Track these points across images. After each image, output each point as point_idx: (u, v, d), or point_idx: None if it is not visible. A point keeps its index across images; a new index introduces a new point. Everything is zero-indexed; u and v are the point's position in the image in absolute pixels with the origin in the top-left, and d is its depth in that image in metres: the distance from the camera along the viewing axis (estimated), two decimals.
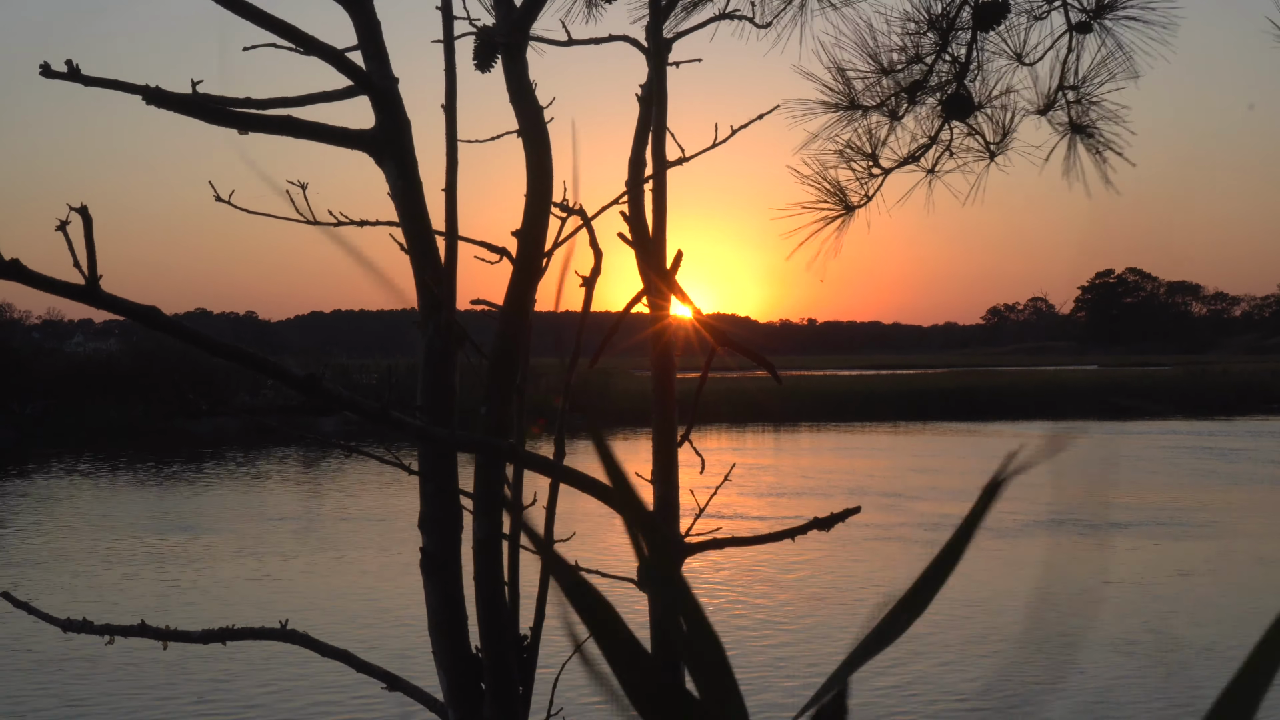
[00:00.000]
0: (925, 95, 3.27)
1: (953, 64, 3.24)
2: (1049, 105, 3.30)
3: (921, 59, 3.24)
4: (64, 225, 1.66)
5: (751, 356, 2.65)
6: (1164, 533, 16.09)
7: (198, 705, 8.84)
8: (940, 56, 3.23)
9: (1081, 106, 3.31)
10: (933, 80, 3.25)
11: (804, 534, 2.64)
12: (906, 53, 3.23)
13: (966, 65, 3.22)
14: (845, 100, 3.25)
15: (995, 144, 3.32)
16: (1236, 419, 38.27)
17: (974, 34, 3.22)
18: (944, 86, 3.25)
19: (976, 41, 3.23)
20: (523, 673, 2.72)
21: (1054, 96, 3.29)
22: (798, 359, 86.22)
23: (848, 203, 3.31)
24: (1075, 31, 3.23)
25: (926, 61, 3.24)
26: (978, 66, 3.24)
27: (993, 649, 10.01)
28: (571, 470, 2.34)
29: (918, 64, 3.24)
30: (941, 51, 3.23)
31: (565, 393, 2.84)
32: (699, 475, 2.87)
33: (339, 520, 17.85)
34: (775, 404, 37.76)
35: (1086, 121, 3.33)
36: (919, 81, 3.24)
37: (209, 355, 1.90)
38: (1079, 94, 3.30)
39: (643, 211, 2.88)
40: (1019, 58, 3.26)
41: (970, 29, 3.22)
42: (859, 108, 3.27)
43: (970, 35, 3.23)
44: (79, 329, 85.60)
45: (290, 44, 2.57)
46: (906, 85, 3.24)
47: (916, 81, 3.24)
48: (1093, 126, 3.34)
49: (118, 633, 2.72)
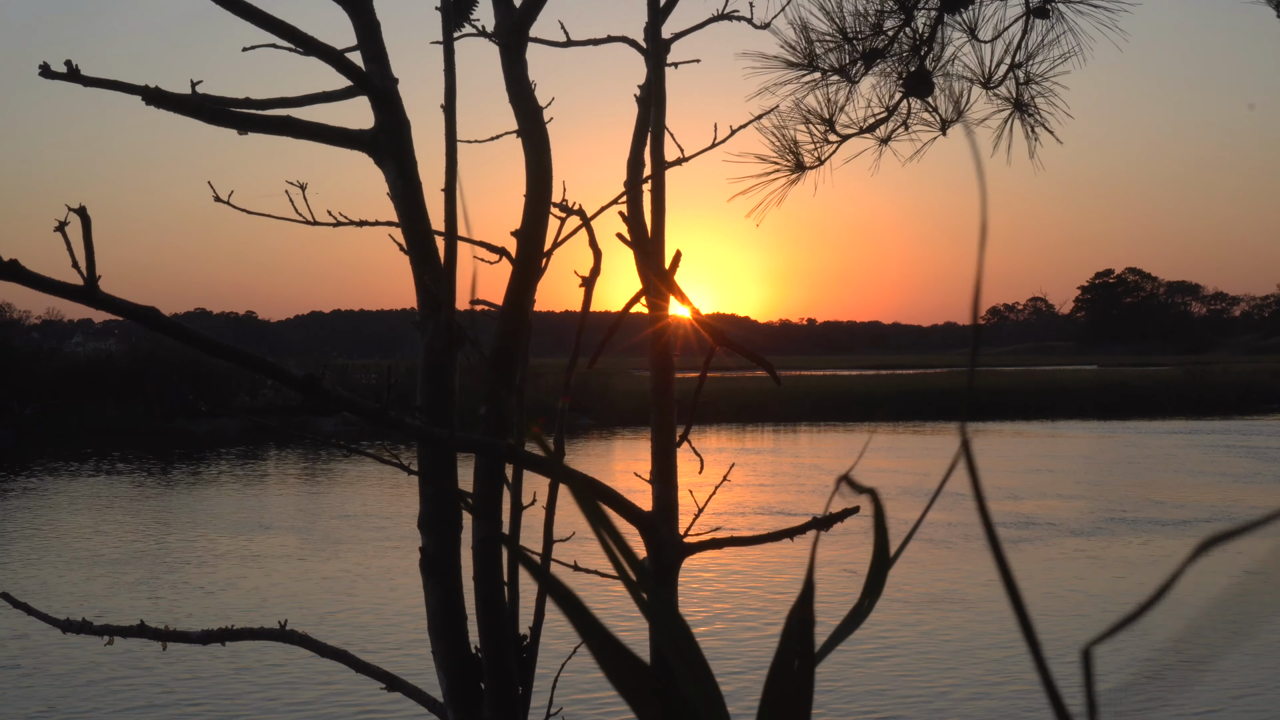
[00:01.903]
0: (882, 63, 3.33)
1: (914, 39, 3.29)
2: (990, 80, 3.37)
3: (883, 31, 3.29)
4: (63, 226, 1.66)
5: (750, 357, 2.65)
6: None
7: (198, 705, 8.84)
8: (903, 30, 3.29)
9: (1025, 85, 3.39)
10: (893, 51, 3.31)
11: (803, 534, 2.64)
12: (869, 20, 3.28)
13: (930, 42, 3.28)
14: (804, 60, 3.31)
15: (949, 119, 3.39)
16: (1236, 419, 38.27)
17: (940, 15, 3.27)
18: (904, 58, 3.31)
19: (943, 20, 3.28)
20: (522, 673, 2.72)
21: (998, 72, 3.36)
22: (797, 359, 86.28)
23: (801, 162, 3.38)
24: (1033, 15, 3.30)
25: (888, 32, 3.29)
26: (940, 44, 3.30)
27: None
28: (570, 470, 2.33)
29: (880, 35, 3.29)
30: (905, 25, 3.28)
31: (565, 393, 2.84)
32: (698, 475, 2.87)
33: (339, 520, 17.85)
34: (775, 404, 37.78)
35: (1027, 98, 3.41)
36: (878, 50, 3.29)
37: (208, 356, 1.90)
38: (1026, 73, 3.38)
39: (641, 212, 2.88)
40: (973, 33, 3.33)
41: (936, 9, 3.27)
42: (817, 69, 3.33)
43: (936, 15, 3.28)
44: (78, 329, 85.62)
45: (290, 44, 2.57)
46: (865, 52, 3.29)
47: (875, 49, 3.29)
48: (1031, 104, 3.42)
49: (117, 633, 2.72)
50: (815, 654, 0.51)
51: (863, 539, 15.14)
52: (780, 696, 0.50)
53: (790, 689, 0.50)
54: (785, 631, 0.51)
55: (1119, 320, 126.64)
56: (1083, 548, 15.15)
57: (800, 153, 3.35)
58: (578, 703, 7.80)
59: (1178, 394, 43.75)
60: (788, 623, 0.52)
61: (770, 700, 0.50)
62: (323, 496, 21.23)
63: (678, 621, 0.52)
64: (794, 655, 0.51)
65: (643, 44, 2.97)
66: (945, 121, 3.37)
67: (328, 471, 25.33)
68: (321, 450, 28.07)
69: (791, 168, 3.36)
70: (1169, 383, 46.14)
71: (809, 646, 0.51)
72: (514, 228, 2.74)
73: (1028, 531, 16.21)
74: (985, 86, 3.35)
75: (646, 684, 0.48)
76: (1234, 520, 1.78)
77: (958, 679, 9.33)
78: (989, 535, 0.44)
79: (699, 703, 0.50)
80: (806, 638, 0.51)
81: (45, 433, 32.12)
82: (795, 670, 0.51)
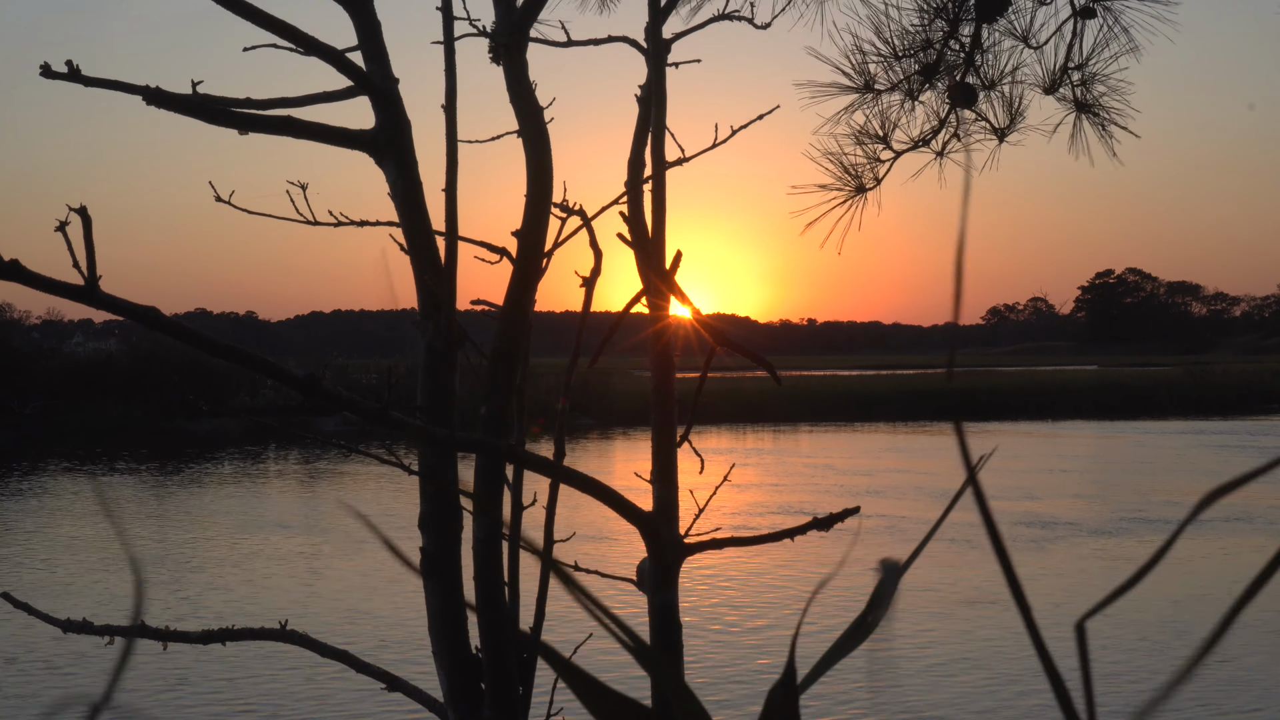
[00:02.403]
0: (938, 79, 3.33)
1: (960, 50, 3.29)
2: (1054, 84, 3.37)
3: (931, 44, 3.29)
4: (63, 226, 1.66)
5: (751, 357, 2.65)
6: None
7: (197, 706, 8.84)
8: (948, 43, 3.28)
9: (1085, 86, 3.38)
10: (944, 64, 3.31)
11: (803, 534, 2.64)
12: (917, 37, 3.28)
13: (973, 53, 3.27)
14: (860, 82, 3.31)
15: (1005, 127, 3.38)
16: (1237, 419, 38.26)
17: (978, 26, 3.27)
18: (953, 70, 3.31)
19: (981, 31, 3.28)
20: (523, 673, 2.72)
21: (1059, 76, 3.35)
22: (797, 359, 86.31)
23: (861, 184, 3.37)
24: (1079, 17, 3.30)
25: (936, 46, 3.29)
26: (983, 53, 3.30)
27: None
28: (571, 470, 2.34)
29: (928, 49, 3.30)
30: (950, 38, 3.28)
31: (566, 392, 2.84)
32: (698, 475, 2.87)
33: (339, 520, 17.85)
34: (775, 404, 37.77)
35: (1090, 99, 3.40)
36: (931, 64, 3.29)
37: (209, 356, 1.90)
38: (1084, 73, 3.37)
39: (642, 212, 2.88)
40: (1025, 40, 3.33)
41: (973, 20, 3.27)
42: (873, 90, 3.33)
43: (975, 26, 3.28)
44: (79, 329, 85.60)
45: (290, 44, 2.57)
46: (921, 68, 3.29)
47: (929, 64, 3.29)
48: (1096, 104, 3.41)
49: (117, 633, 2.72)
50: (810, 678, 0.50)
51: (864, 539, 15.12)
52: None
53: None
54: (765, 711, 0.50)
55: (1119, 320, 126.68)
56: (1103, 548, 15.13)
57: (862, 175, 3.36)
58: (578, 703, 7.78)
59: (1178, 394, 43.74)
60: (768, 702, 0.51)
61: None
62: (323, 496, 21.24)
63: (686, 693, 0.51)
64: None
65: (643, 44, 2.97)
66: (1000, 130, 3.37)
67: (328, 471, 25.33)
68: (322, 450, 28.07)
69: (853, 190, 3.36)
70: (1169, 383, 46.12)
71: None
72: (514, 228, 2.74)
73: (1048, 532, 16.15)
74: (1047, 91, 3.36)
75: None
76: (1233, 476, 1.73)
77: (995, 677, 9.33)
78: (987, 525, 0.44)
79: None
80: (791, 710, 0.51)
81: (45, 433, 32.12)
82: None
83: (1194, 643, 4.90)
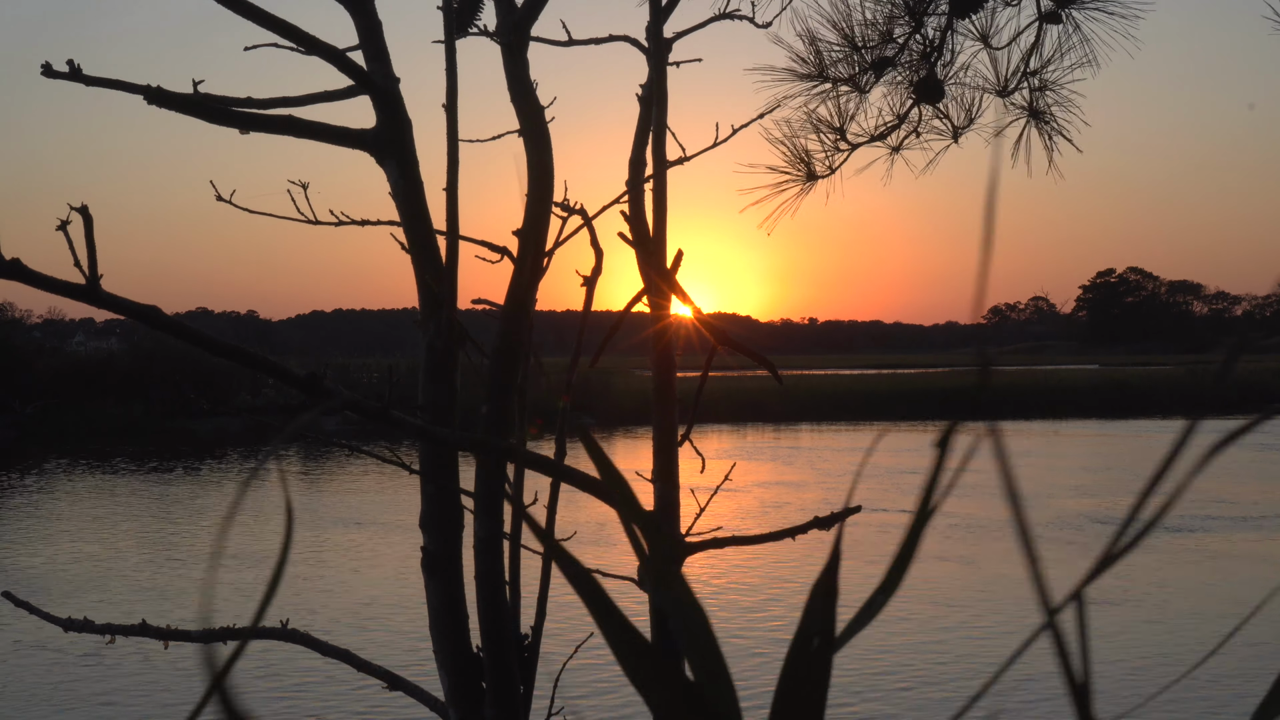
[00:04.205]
0: (892, 72, 3.32)
1: (924, 45, 3.29)
2: (1007, 88, 3.37)
3: (893, 38, 3.29)
4: (65, 225, 1.66)
5: (752, 356, 2.65)
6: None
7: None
8: (913, 37, 3.28)
9: (1040, 92, 3.38)
10: (903, 59, 3.30)
11: (804, 533, 2.64)
12: (879, 29, 3.28)
13: (940, 49, 3.27)
14: (814, 70, 3.31)
15: (961, 127, 3.38)
16: (1237, 419, 38.17)
17: (949, 20, 3.27)
18: (913, 66, 3.30)
19: (952, 27, 3.27)
20: (524, 672, 2.72)
21: (1013, 80, 3.35)
22: (798, 358, 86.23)
23: (813, 172, 3.38)
24: (1044, 21, 3.29)
25: (898, 40, 3.29)
26: (950, 51, 3.29)
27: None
28: (572, 470, 2.34)
29: (890, 43, 3.29)
30: (915, 32, 3.28)
31: (567, 392, 2.84)
32: (699, 475, 2.87)
33: (339, 519, 17.85)
34: (776, 403, 37.76)
35: (1042, 106, 3.40)
36: (888, 58, 3.29)
37: (210, 355, 1.90)
38: (1040, 79, 3.37)
39: (643, 211, 2.88)
40: (985, 40, 3.32)
41: (945, 15, 3.26)
42: (827, 79, 3.33)
43: (945, 21, 3.27)
44: (80, 328, 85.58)
45: (291, 44, 2.57)
46: (874, 61, 3.29)
47: (885, 58, 3.29)
48: (1048, 112, 3.41)
49: (118, 632, 2.72)
50: (835, 637, 0.50)
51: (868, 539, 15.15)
52: (797, 677, 0.50)
53: (807, 670, 0.50)
54: (808, 607, 0.51)
55: (1120, 319, 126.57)
56: (1104, 546, 15.12)
57: (812, 162, 3.36)
58: (579, 702, 7.80)
59: (1179, 393, 43.72)
60: (810, 598, 0.51)
61: (788, 679, 0.50)
62: (324, 495, 21.24)
63: (697, 609, 0.52)
64: (814, 633, 0.50)
65: (644, 43, 2.97)
66: (957, 129, 3.37)
67: (329, 471, 25.33)
68: (323, 449, 28.07)
69: (804, 177, 3.36)
70: (1170, 382, 46.12)
71: (830, 624, 0.51)
72: (515, 227, 2.74)
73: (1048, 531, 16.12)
74: (1000, 94, 3.35)
75: (657, 669, 0.48)
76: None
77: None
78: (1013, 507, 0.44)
79: (710, 689, 0.49)
80: (828, 615, 0.51)
81: (47, 432, 32.13)
82: (814, 649, 0.50)
83: (1201, 641, 4.89)
